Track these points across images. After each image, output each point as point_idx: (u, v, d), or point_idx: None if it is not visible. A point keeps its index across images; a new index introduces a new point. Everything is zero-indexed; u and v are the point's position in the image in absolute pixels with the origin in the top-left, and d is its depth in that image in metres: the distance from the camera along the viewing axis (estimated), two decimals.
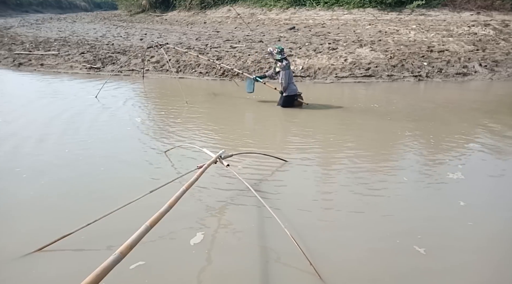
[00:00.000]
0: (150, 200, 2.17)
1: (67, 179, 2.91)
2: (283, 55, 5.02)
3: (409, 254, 2.01)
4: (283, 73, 4.99)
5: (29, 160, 3.25)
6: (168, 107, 5.30)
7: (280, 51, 5.00)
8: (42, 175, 2.95)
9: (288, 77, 5.03)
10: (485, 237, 2.20)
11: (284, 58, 5.04)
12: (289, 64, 5.08)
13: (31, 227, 2.26)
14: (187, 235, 2.17)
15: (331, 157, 3.50)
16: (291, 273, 1.88)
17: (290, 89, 5.10)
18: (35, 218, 2.37)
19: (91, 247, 2.05)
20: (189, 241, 2.10)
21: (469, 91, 6.77)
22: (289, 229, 2.01)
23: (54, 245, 1.99)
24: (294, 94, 5.15)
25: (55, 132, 4.02)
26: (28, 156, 3.35)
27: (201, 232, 2.20)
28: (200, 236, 2.16)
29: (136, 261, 1.89)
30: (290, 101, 5.17)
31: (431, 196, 2.71)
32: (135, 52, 8.91)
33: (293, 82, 5.17)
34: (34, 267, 1.90)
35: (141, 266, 1.89)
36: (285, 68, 5.00)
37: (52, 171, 3.05)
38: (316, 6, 14.22)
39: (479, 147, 3.68)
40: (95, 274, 1.02)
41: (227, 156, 2.74)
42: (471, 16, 11.86)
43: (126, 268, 1.84)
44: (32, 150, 3.49)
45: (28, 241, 2.06)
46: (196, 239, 2.13)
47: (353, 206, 2.54)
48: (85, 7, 40.46)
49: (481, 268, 1.94)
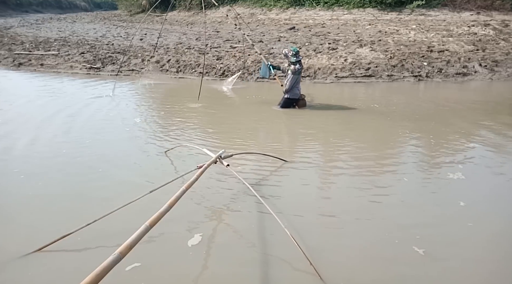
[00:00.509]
0: (150, 200, 2.17)
1: (65, 179, 2.91)
2: (298, 58, 4.95)
3: (409, 254, 2.01)
4: (291, 77, 4.96)
5: (28, 160, 3.24)
6: (167, 107, 5.30)
7: (295, 54, 4.93)
8: (40, 175, 2.95)
9: (295, 81, 5.00)
10: (484, 237, 2.20)
11: (299, 61, 4.97)
12: (301, 69, 5.03)
13: (29, 227, 2.25)
14: (187, 235, 2.16)
15: (331, 157, 3.50)
16: (291, 273, 1.87)
17: (293, 92, 5.08)
18: (34, 218, 2.36)
19: (91, 247, 2.05)
20: (189, 241, 2.10)
21: (469, 91, 6.77)
22: (289, 229, 2.01)
23: (54, 246, 1.99)
24: (296, 98, 5.14)
25: (53, 132, 4.01)
26: (27, 155, 3.35)
27: (201, 232, 2.20)
28: (199, 236, 2.16)
29: (133, 262, 1.88)
30: (290, 103, 5.16)
31: (432, 196, 2.71)
32: (135, 52, 8.92)
33: (298, 87, 5.14)
34: (32, 268, 1.89)
35: (138, 267, 1.88)
36: (295, 73, 4.95)
37: (50, 171, 3.04)
38: (316, 6, 14.22)
39: (479, 147, 3.68)
40: (95, 274, 1.02)
41: (227, 156, 2.74)
42: (471, 16, 11.87)
43: (122, 269, 1.84)
44: (30, 150, 3.48)
45: (26, 242, 2.05)
46: (195, 239, 2.13)
47: (354, 206, 2.54)
48: (85, 7, 40.49)
49: (481, 269, 1.94)
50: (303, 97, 5.21)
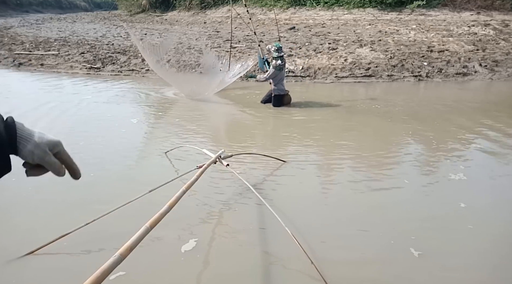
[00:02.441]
0: (149, 200, 2.17)
1: (64, 179, 2.88)
2: (279, 53, 4.89)
3: (407, 256, 2.01)
4: (272, 71, 4.94)
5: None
6: (168, 107, 5.29)
7: (277, 49, 4.87)
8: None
9: (280, 78, 5.01)
10: (486, 240, 2.20)
11: (280, 57, 4.90)
12: (282, 65, 4.95)
13: (24, 228, 2.20)
14: (187, 234, 2.16)
15: (331, 157, 3.49)
16: (292, 271, 1.87)
17: (278, 89, 5.11)
18: (29, 219, 2.33)
19: (89, 248, 2.03)
20: (189, 241, 2.10)
21: (469, 91, 6.76)
22: (290, 228, 2.01)
23: (50, 247, 1.94)
24: (283, 94, 5.16)
25: (49, 133, 4.01)
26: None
27: (201, 232, 2.19)
28: (200, 236, 2.16)
29: (130, 262, 1.86)
30: (279, 100, 5.19)
31: (433, 197, 2.70)
32: (135, 52, 8.91)
33: (283, 83, 5.14)
34: (27, 270, 1.82)
35: (137, 267, 1.88)
36: (276, 68, 4.90)
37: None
38: (316, 6, 14.22)
39: (481, 148, 3.67)
40: (95, 277, 1.00)
41: (226, 156, 2.73)
42: (471, 16, 11.85)
43: (120, 268, 1.83)
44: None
45: (20, 243, 2.00)
46: (195, 239, 2.12)
47: (354, 207, 2.54)
48: (85, 7, 40.48)
49: (480, 272, 1.93)
50: (287, 93, 5.24)
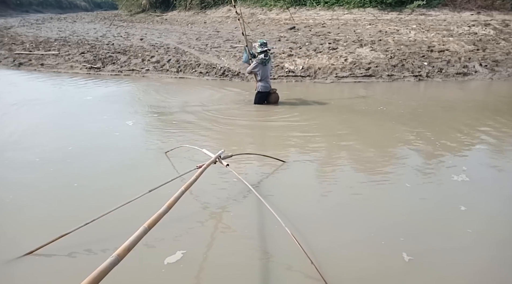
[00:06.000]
0: (148, 200, 2.16)
1: (63, 179, 2.89)
2: (263, 48, 4.92)
3: (407, 257, 1.99)
4: (255, 64, 4.96)
5: (24, 159, 3.24)
6: (167, 107, 5.28)
7: (261, 45, 4.92)
8: (35, 176, 2.93)
9: (264, 74, 5.00)
10: (486, 241, 2.20)
11: (264, 52, 4.93)
12: (265, 60, 4.97)
13: (23, 228, 2.20)
14: (187, 234, 2.16)
15: (330, 157, 3.49)
16: (291, 271, 1.87)
17: (262, 86, 5.08)
18: (27, 219, 2.32)
19: (88, 248, 2.02)
20: (189, 241, 2.09)
21: (470, 91, 6.75)
22: (290, 228, 2.00)
23: (48, 247, 1.93)
24: (267, 91, 5.13)
25: (48, 133, 4.01)
26: (24, 155, 3.34)
27: (201, 232, 2.19)
28: (199, 236, 2.15)
29: (128, 261, 1.86)
30: (262, 98, 5.16)
31: (433, 198, 2.69)
32: (135, 52, 8.91)
33: (268, 80, 5.12)
34: (25, 271, 1.81)
35: (135, 267, 1.87)
36: (259, 61, 4.92)
37: (47, 172, 3.03)
38: (316, 6, 14.21)
39: (482, 148, 3.67)
40: (92, 277, 1.00)
41: (226, 156, 2.73)
42: (471, 16, 11.84)
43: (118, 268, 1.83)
44: (23, 152, 3.47)
45: (18, 243, 1.99)
46: (195, 239, 2.12)
47: (354, 207, 2.53)
48: (85, 7, 40.46)
49: (480, 274, 1.93)
50: (274, 91, 5.21)
